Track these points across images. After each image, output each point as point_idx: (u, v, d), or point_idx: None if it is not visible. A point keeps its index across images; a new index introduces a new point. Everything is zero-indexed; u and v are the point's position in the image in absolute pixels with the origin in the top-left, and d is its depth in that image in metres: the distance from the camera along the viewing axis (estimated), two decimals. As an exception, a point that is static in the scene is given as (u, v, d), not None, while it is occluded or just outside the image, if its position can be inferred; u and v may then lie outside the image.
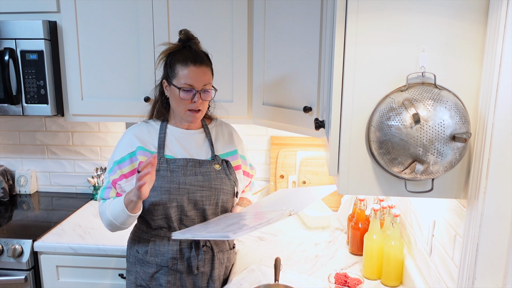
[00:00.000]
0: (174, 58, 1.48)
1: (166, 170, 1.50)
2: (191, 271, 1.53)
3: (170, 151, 1.54)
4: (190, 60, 1.46)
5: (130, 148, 1.52)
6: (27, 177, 2.54)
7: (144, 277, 1.54)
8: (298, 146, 2.33)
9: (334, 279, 1.50)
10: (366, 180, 1.10)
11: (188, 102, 1.47)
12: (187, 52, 1.48)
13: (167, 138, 1.56)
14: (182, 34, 1.50)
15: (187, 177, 1.50)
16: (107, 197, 1.54)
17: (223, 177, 1.56)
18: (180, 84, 1.46)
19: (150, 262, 1.53)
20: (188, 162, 1.53)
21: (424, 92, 0.98)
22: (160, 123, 1.58)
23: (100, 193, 1.56)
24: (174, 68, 1.47)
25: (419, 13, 1.01)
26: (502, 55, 0.93)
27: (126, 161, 1.51)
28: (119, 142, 1.57)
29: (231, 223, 1.40)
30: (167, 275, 1.51)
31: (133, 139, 1.53)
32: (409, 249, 1.67)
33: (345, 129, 1.08)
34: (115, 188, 1.53)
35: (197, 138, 1.60)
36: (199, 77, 1.46)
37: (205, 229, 1.40)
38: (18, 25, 1.96)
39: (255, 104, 1.92)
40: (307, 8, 1.56)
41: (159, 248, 1.52)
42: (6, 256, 1.90)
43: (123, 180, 1.52)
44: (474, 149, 1.03)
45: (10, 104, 2.01)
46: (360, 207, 1.82)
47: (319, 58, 1.53)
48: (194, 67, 1.45)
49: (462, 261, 1.08)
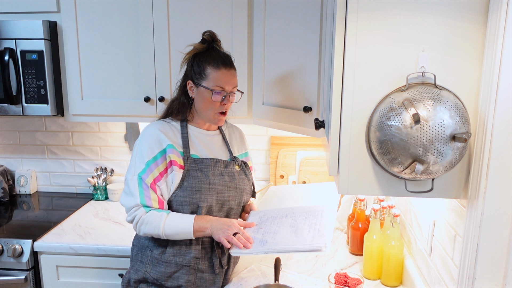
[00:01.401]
0: (202, 59, 1.48)
1: (195, 169, 1.49)
2: (212, 270, 1.53)
3: (195, 151, 1.53)
4: (221, 62, 1.47)
5: (160, 145, 1.48)
6: (27, 177, 2.54)
7: (157, 277, 1.50)
8: (298, 146, 2.33)
9: (334, 279, 1.50)
10: (366, 180, 1.10)
11: (218, 105, 1.48)
12: (216, 54, 1.48)
13: (190, 138, 1.55)
14: (207, 35, 1.50)
15: (216, 177, 1.51)
16: (150, 205, 1.45)
17: (244, 178, 1.60)
18: (212, 86, 1.46)
19: (169, 262, 1.50)
20: (216, 162, 1.53)
21: (424, 92, 0.98)
22: (179, 123, 1.56)
23: (140, 198, 1.45)
24: (204, 69, 1.47)
25: (419, 13, 1.01)
26: (502, 55, 0.93)
27: (159, 160, 1.46)
28: (145, 140, 1.49)
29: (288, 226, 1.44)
30: (188, 275, 1.50)
31: (161, 136, 1.49)
32: (409, 249, 1.67)
33: (345, 129, 1.08)
34: (155, 191, 1.46)
35: (216, 140, 1.61)
36: (230, 80, 1.48)
37: (262, 235, 1.42)
38: (18, 25, 1.96)
39: (255, 104, 1.92)
40: (307, 8, 1.56)
41: (180, 247, 1.50)
42: (6, 256, 1.90)
43: (161, 179, 1.47)
44: (474, 149, 1.03)
45: (10, 104, 2.01)
46: (360, 207, 1.82)
47: (319, 58, 1.53)
48: (225, 69, 1.47)
49: (462, 261, 1.08)
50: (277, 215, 1.56)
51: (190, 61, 1.52)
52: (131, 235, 1.89)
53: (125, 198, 1.48)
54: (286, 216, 1.52)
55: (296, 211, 1.54)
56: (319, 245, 1.32)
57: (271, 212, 1.58)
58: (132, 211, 1.46)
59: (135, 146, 1.52)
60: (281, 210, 1.58)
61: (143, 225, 1.45)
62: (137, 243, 1.59)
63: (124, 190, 1.50)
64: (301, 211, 1.54)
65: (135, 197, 1.45)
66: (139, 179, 1.45)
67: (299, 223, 1.46)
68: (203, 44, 1.51)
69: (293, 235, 1.39)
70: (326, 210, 1.49)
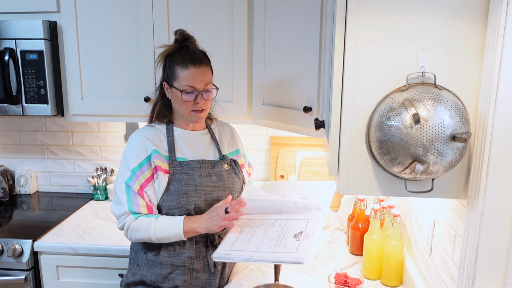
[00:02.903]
0: (172, 60, 1.47)
1: (181, 173, 1.49)
2: (207, 269, 1.53)
3: (181, 153, 1.53)
4: (189, 61, 1.45)
5: (145, 152, 1.48)
6: (27, 177, 2.54)
7: (154, 279, 1.51)
8: (298, 146, 2.33)
9: (334, 279, 1.50)
10: (366, 180, 1.10)
11: (191, 104, 1.47)
12: (185, 53, 1.46)
13: (176, 140, 1.54)
14: (178, 34, 1.49)
15: (202, 179, 1.51)
16: (138, 211, 1.46)
17: (234, 176, 1.59)
18: (182, 86, 1.45)
19: (164, 263, 1.50)
20: (202, 164, 1.53)
21: (424, 92, 0.98)
22: (165, 126, 1.56)
23: (128, 206, 1.46)
24: (174, 70, 1.46)
25: (419, 13, 1.01)
26: (502, 55, 0.93)
27: (144, 166, 1.47)
28: (130, 148, 1.51)
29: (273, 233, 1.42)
30: (183, 275, 1.50)
31: (146, 142, 1.49)
32: (409, 249, 1.67)
33: (345, 129, 1.08)
34: (143, 197, 1.47)
35: (204, 139, 1.60)
36: (199, 78, 1.45)
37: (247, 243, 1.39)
38: (18, 25, 1.96)
39: (255, 104, 1.92)
40: (307, 8, 1.56)
41: (174, 248, 1.50)
42: (6, 256, 1.90)
43: (148, 185, 1.48)
44: (474, 149, 1.03)
45: (10, 104, 2.01)
46: (360, 207, 1.82)
47: (319, 58, 1.53)
48: (193, 68, 1.44)
49: (462, 261, 1.08)
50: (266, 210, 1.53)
51: (163, 62, 1.51)
52: (131, 235, 1.89)
53: (114, 207, 1.50)
54: (274, 221, 1.49)
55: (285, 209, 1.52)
56: (301, 259, 1.27)
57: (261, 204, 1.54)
58: (121, 218, 1.47)
59: (123, 154, 1.53)
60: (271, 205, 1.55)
61: (133, 232, 1.46)
62: (133, 246, 1.60)
63: (114, 199, 1.51)
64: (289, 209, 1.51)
65: (123, 205, 1.46)
66: (126, 186, 1.47)
67: (284, 228, 1.43)
68: (175, 43, 1.50)
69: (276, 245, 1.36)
70: (315, 218, 1.47)
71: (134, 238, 1.47)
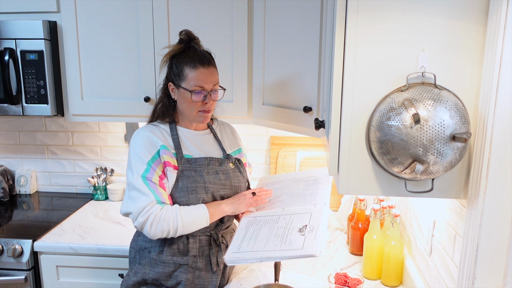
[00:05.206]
0: (180, 60, 1.47)
1: (189, 170, 1.49)
2: (210, 268, 1.54)
3: (188, 151, 1.53)
4: (198, 61, 1.45)
5: (155, 147, 1.47)
6: (27, 177, 2.54)
7: (157, 277, 1.50)
8: (298, 146, 2.33)
9: (334, 279, 1.50)
10: (366, 180, 1.10)
11: (199, 104, 1.47)
12: (193, 54, 1.47)
13: (181, 139, 1.54)
14: (184, 35, 1.49)
15: (210, 176, 1.51)
16: (164, 201, 1.42)
17: (239, 175, 1.60)
18: (191, 86, 1.45)
19: (167, 262, 1.50)
20: (209, 161, 1.53)
21: (424, 92, 0.98)
22: (168, 125, 1.55)
23: (154, 196, 1.40)
24: (182, 70, 1.46)
25: (419, 13, 1.01)
26: (502, 55, 0.93)
27: (157, 160, 1.45)
28: (139, 143, 1.47)
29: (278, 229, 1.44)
30: (186, 273, 1.50)
31: (154, 138, 1.48)
32: (409, 249, 1.67)
33: (345, 129, 1.08)
34: (164, 188, 1.44)
35: (207, 139, 1.61)
36: (208, 78, 1.46)
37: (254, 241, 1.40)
38: (18, 25, 1.96)
39: (255, 104, 1.92)
40: (307, 8, 1.56)
41: (178, 247, 1.50)
42: (6, 256, 1.90)
43: (164, 178, 1.46)
44: (474, 149, 1.03)
45: (10, 104, 2.01)
46: (360, 207, 1.82)
47: (319, 58, 1.53)
48: (203, 68, 1.45)
49: (462, 261, 1.08)
50: (284, 185, 1.66)
51: (169, 62, 1.51)
52: (131, 235, 1.89)
53: (131, 203, 1.42)
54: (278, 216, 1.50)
55: (299, 176, 1.67)
56: (311, 253, 1.26)
57: (278, 179, 1.73)
58: (145, 211, 1.39)
59: (130, 152, 1.48)
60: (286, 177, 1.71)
61: (160, 223, 1.38)
62: (134, 245, 1.59)
63: (130, 196, 1.43)
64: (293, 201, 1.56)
65: (147, 196, 1.40)
66: (143, 179, 1.42)
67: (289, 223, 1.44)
68: (181, 44, 1.49)
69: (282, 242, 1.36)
70: (318, 210, 1.47)
71: (159, 229, 1.39)
